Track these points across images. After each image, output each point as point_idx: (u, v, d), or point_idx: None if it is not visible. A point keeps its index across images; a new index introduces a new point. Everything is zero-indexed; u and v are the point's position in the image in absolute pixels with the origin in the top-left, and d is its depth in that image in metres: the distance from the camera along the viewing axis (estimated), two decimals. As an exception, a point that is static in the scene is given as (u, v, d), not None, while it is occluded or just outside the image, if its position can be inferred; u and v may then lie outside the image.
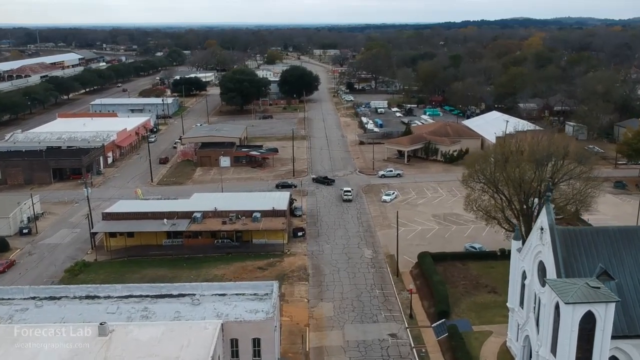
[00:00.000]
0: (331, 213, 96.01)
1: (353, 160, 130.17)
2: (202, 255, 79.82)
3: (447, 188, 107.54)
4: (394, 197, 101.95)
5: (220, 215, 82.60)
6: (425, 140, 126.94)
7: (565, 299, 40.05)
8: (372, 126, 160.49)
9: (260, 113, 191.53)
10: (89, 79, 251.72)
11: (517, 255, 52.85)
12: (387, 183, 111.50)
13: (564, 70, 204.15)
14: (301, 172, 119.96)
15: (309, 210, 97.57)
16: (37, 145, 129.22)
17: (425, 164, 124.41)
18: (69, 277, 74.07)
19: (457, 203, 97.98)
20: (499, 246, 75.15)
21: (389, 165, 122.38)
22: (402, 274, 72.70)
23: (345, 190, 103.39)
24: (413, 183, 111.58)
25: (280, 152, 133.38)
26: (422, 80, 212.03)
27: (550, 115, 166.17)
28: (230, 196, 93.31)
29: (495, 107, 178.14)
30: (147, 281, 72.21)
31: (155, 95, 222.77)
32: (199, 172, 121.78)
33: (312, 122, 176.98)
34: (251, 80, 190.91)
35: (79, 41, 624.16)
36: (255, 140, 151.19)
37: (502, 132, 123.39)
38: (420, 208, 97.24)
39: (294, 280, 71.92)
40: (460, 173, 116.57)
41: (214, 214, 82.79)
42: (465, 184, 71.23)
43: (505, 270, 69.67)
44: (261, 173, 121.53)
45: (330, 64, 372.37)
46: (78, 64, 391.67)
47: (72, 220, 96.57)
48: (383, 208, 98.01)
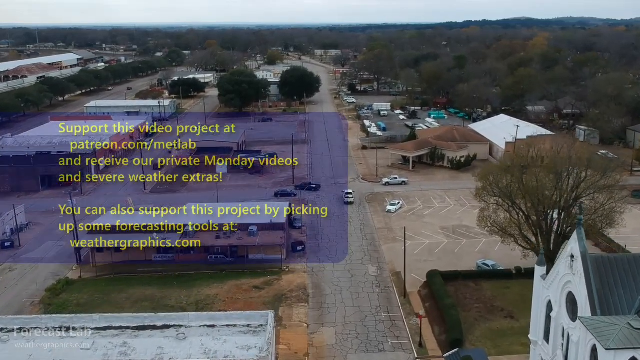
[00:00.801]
0: (333, 225, 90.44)
1: (356, 167, 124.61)
2: (195, 272, 74.32)
3: (455, 197, 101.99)
4: (399, 207, 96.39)
5: (214, 228, 77.01)
6: (431, 146, 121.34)
7: (606, 344, 34.47)
8: (375, 130, 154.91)
9: (260, 115, 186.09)
10: (85, 80, 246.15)
11: (542, 283, 47.17)
12: (392, 191, 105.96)
13: (572, 71, 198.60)
14: (301, 180, 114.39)
15: (310, 221, 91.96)
16: (27, 150, 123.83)
17: (431, 171, 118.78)
18: (50, 297, 68.65)
19: (466, 214, 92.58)
20: (514, 263, 69.76)
21: (393, 172, 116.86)
22: (410, 295, 67.16)
23: (347, 193, 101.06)
24: (419, 191, 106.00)
25: (280, 157, 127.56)
26: (425, 81, 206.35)
27: (559, 118, 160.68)
28: (225, 207, 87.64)
29: (501, 110, 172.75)
30: (133, 301, 67.28)
31: (153, 97, 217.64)
32: (194, 179, 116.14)
33: (313, 125, 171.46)
34: (250, 82, 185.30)
35: (79, 41, 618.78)
36: (254, 144, 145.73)
37: (512, 137, 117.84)
38: (427, 219, 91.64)
39: (292, 302, 66.41)
40: (468, 180, 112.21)
41: (208, 227, 77.22)
42: (479, 198, 65.56)
43: (521, 291, 64.33)
44: (260, 180, 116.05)
45: (331, 65, 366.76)
46: (76, 65, 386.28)
47: (59, 232, 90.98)
48: (388, 219, 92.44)
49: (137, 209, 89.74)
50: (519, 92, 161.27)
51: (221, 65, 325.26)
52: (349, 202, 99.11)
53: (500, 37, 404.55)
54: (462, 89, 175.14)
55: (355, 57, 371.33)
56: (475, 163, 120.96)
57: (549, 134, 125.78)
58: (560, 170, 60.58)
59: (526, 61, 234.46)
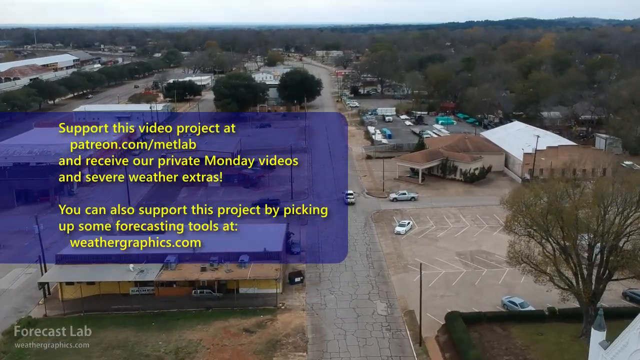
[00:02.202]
0: (335, 250, 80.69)
1: (360, 179, 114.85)
2: (177, 310, 64.62)
3: (471, 215, 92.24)
4: (409, 227, 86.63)
5: (200, 258, 67.32)
6: (442, 157, 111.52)
7: None
8: (381, 137, 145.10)
9: (258, 121, 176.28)
10: (78, 83, 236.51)
11: (600, 352, 37.54)
12: (400, 208, 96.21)
13: (588, 74, 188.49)
14: (300, 194, 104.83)
15: (310, 244, 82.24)
16: (3, 161, 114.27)
17: (443, 184, 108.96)
18: (7, 343, 59.02)
19: (485, 237, 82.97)
20: (544, 299, 60.26)
21: (401, 185, 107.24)
22: (426, 341, 57.43)
23: (347, 194, 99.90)
24: (430, 208, 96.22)
25: (278, 167, 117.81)
26: (432, 85, 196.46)
27: (576, 125, 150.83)
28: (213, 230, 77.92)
29: (513, 116, 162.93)
30: (103, 348, 57.83)
31: (146, 100, 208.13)
32: (183, 194, 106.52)
33: (313, 132, 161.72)
34: (247, 86, 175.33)
35: (77, 42, 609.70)
36: (251, 153, 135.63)
37: (531, 147, 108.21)
38: (441, 243, 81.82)
39: (288, 350, 56.66)
40: (483, 195, 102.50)
41: (192, 257, 67.53)
42: (509, 230, 55.77)
43: (558, 339, 54.72)
44: (255, 194, 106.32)
45: (333, 66, 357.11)
46: (72, 66, 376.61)
47: (31, 255, 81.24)
48: (397, 242, 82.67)
49: (115, 226, 79.61)
50: (533, 97, 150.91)
51: (219, 67, 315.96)
52: (350, 202, 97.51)
53: (506, 38, 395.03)
54: (472, 93, 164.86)
55: (358, 58, 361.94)
56: (490, 175, 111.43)
57: (570, 144, 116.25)
58: (605, 201, 50.71)
59: (536, 63, 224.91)
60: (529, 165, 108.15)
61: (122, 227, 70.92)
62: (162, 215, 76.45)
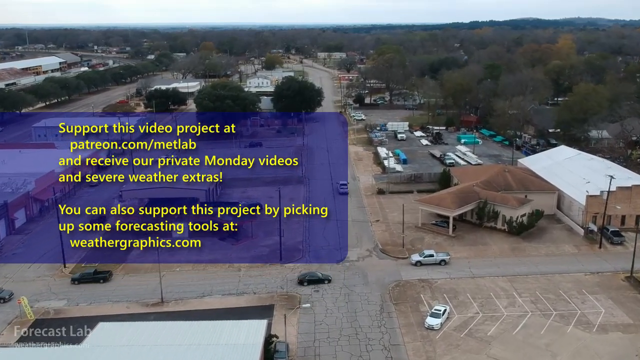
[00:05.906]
0: (339, 357, 54.72)
1: (371, 225, 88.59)
2: None
3: (529, 293, 65.94)
4: (446, 317, 60.49)
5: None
6: (478, 199, 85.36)
7: None
8: (394, 163, 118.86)
9: (247, 138, 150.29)
10: (49, 90, 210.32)
11: None
12: (428, 279, 69.99)
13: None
14: (294, 252, 78.75)
15: (303, 345, 56.38)
16: None
17: (481, 237, 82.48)
18: None
19: (558, 336, 56.88)
20: None
21: (426, 238, 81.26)
22: None
23: (342, 184, 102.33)
24: (470, 279, 70.00)
25: (268, 204, 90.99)
26: (450, 95, 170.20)
27: (629, 147, 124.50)
28: (161, 332, 52.10)
29: (548, 133, 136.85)
30: None
31: (123, 111, 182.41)
32: (136, 252, 79.35)
33: (312, 153, 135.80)
34: (235, 97, 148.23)
35: (70, 43, 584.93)
36: (234, 182, 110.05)
37: (592, 184, 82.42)
38: (496, 350, 55.40)
39: None
40: (536, 254, 75.57)
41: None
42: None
43: None
44: (233, 251, 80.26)
45: (335, 69, 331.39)
46: (58, 69, 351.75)
47: None
48: (429, 344, 56.46)
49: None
50: (579, 113, 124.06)
51: (213, 71, 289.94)
52: (343, 192, 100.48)
53: (520, 39, 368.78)
54: (502, 106, 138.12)
55: (362, 61, 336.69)
56: (541, 222, 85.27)
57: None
58: None
59: (565, 69, 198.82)
60: (593, 212, 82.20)
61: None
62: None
